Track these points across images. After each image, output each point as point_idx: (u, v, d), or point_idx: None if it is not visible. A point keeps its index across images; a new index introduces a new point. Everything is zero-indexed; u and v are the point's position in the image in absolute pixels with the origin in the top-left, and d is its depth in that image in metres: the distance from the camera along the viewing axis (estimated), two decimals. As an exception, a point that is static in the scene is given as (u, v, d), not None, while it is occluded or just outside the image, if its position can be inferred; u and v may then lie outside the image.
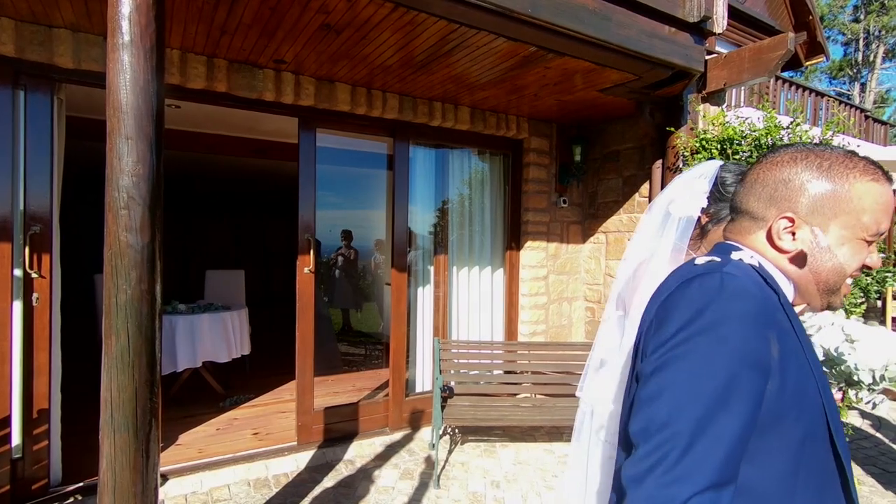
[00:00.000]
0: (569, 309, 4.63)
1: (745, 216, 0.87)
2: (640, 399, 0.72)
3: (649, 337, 0.77)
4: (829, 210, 0.79)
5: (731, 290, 0.72)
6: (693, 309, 0.72)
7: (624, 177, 4.28)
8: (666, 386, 0.69)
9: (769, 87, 7.54)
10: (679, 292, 0.76)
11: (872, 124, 10.05)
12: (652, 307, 0.83)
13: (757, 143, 3.23)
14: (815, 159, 0.81)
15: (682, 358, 0.70)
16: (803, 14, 10.23)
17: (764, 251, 0.84)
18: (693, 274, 0.78)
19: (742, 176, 0.91)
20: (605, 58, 2.92)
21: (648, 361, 0.73)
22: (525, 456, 3.60)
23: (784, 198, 0.81)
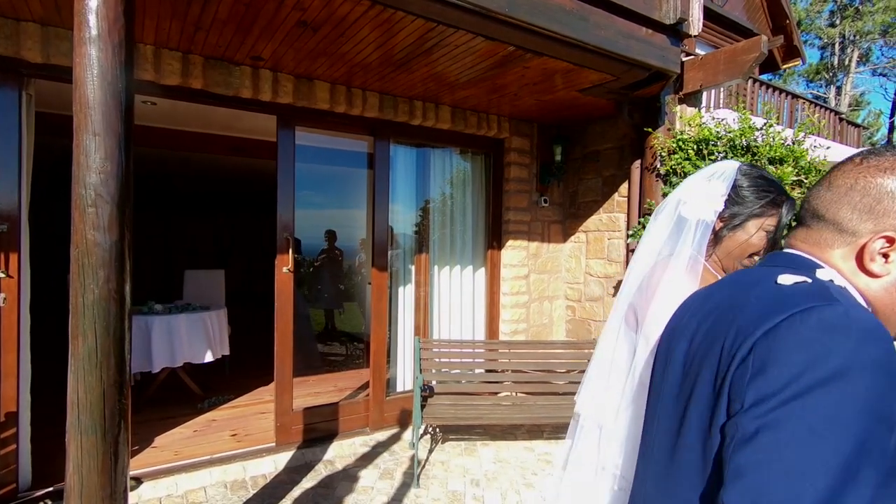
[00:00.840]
0: (550, 308, 4.66)
1: (827, 226, 0.74)
2: (741, 464, 0.57)
3: (736, 379, 0.62)
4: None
5: (861, 329, 0.59)
6: (813, 352, 0.58)
7: (604, 176, 4.32)
8: (780, 452, 0.55)
9: (747, 89, 7.68)
10: (790, 328, 0.60)
11: (846, 127, 10.29)
12: (721, 335, 0.68)
13: (731, 143, 3.29)
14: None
15: (798, 417, 0.56)
16: (780, 18, 10.44)
17: (844, 270, 0.73)
18: (800, 304, 0.63)
19: (826, 176, 0.79)
20: (582, 58, 2.95)
21: (749, 415, 0.58)
22: (505, 454, 3.61)
23: (886, 213, 0.69)
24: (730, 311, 0.71)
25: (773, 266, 0.77)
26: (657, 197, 3.57)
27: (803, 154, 3.15)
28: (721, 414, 0.64)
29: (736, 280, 0.81)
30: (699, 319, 0.77)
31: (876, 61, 24.22)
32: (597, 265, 4.37)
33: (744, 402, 0.60)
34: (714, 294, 0.80)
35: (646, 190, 3.72)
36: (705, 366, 0.70)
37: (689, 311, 0.82)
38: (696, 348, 0.74)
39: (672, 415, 0.77)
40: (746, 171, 1.21)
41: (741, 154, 3.26)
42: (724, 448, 0.61)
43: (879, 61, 24.18)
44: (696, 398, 0.70)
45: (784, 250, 0.81)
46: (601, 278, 4.33)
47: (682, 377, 0.76)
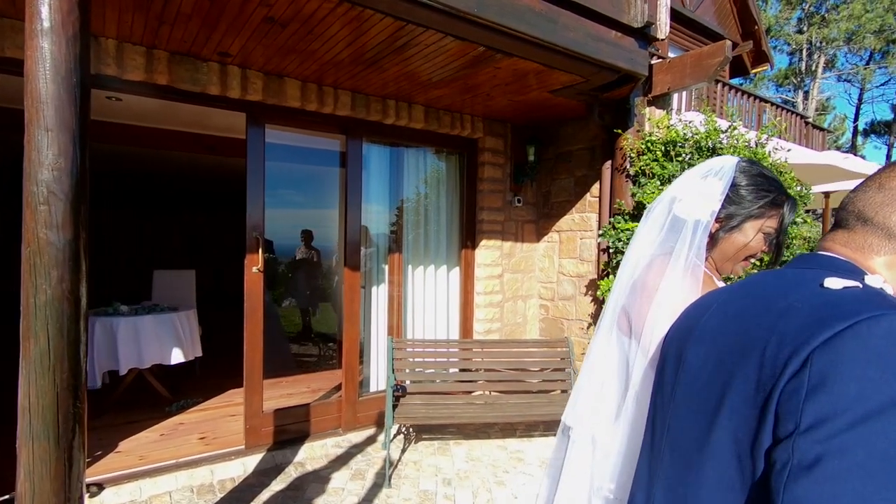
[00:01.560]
0: (524, 307, 4.70)
1: (875, 230, 0.70)
2: (799, 496, 0.51)
3: (787, 395, 0.55)
4: None
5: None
6: (884, 367, 0.51)
7: (576, 177, 4.37)
8: (847, 484, 0.48)
9: (717, 92, 7.87)
10: (856, 338, 0.53)
11: (812, 130, 10.63)
12: (759, 342, 0.62)
13: (698, 145, 3.37)
14: None
15: (870, 443, 0.49)
16: (749, 24, 10.72)
17: (886, 278, 0.69)
18: (863, 311, 0.56)
19: (875, 176, 0.74)
20: (552, 59, 2.98)
21: (808, 439, 0.51)
22: (478, 453, 3.63)
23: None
24: (765, 315, 0.64)
25: (810, 268, 0.71)
26: (627, 197, 3.63)
27: (765, 156, 3.24)
28: (766, 433, 0.57)
29: (763, 281, 0.74)
30: (720, 322, 0.71)
31: (841, 67, 25.10)
32: (569, 264, 4.42)
33: (800, 423, 0.53)
34: (737, 295, 0.73)
35: (616, 190, 3.78)
36: (738, 376, 0.63)
37: (706, 313, 0.75)
38: (723, 355, 0.67)
39: (692, 426, 0.69)
40: (745, 169, 1.13)
41: (707, 156, 3.34)
42: (773, 474, 0.54)
43: (844, 67, 25.07)
44: (729, 412, 0.63)
45: (818, 252, 0.75)
46: (574, 277, 4.38)
47: (706, 385, 0.69)
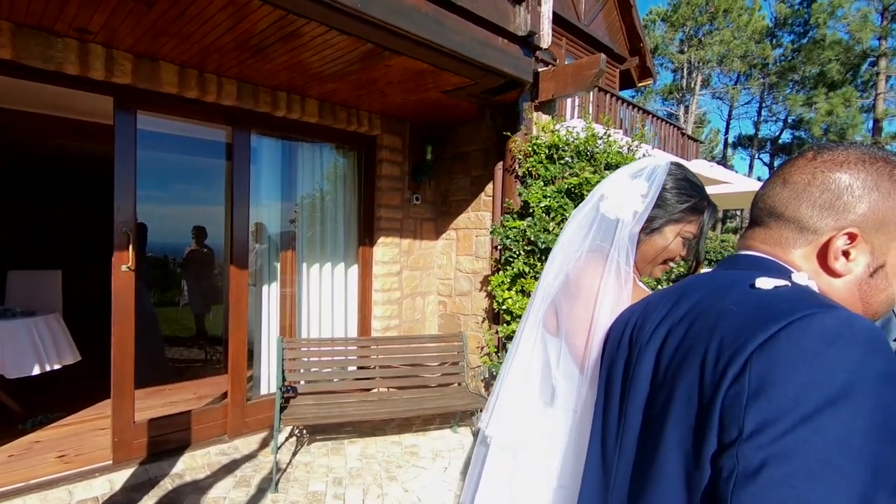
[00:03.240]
0: (422, 303, 4.77)
1: (787, 224, 0.71)
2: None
3: (729, 400, 0.55)
4: (895, 229, 0.67)
5: (864, 338, 0.53)
6: (818, 367, 0.52)
7: (472, 176, 4.51)
8: (792, 490, 0.49)
9: (607, 102, 8.50)
10: (790, 339, 0.54)
11: (688, 141, 11.85)
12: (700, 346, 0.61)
13: (577, 150, 3.63)
14: (886, 166, 0.67)
15: (810, 444, 0.49)
16: (636, 41, 11.72)
17: (806, 269, 0.69)
18: (795, 310, 0.56)
19: (779, 173, 0.75)
20: (441, 61, 3.05)
21: (752, 445, 0.51)
22: (372, 450, 3.63)
23: (846, 208, 0.67)
24: (703, 319, 0.64)
25: (740, 269, 0.71)
26: (515, 197, 3.82)
27: (633, 160, 3.57)
28: (711, 441, 0.56)
29: (698, 284, 0.73)
30: (669, 326, 0.70)
31: (714, 86, 28.27)
32: (466, 262, 4.56)
33: (742, 429, 0.53)
34: (676, 300, 0.72)
35: (506, 190, 3.96)
36: (681, 383, 0.62)
37: (648, 321, 0.74)
38: (666, 362, 0.67)
39: (643, 438, 0.68)
40: (672, 172, 1.13)
41: (586, 160, 3.60)
42: (720, 482, 0.53)
43: (717, 86, 28.25)
44: (675, 420, 0.61)
45: (741, 252, 0.76)
46: (470, 274, 4.52)
47: (652, 395, 0.68)
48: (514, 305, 3.61)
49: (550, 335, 1.12)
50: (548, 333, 1.13)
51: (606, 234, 1.10)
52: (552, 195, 3.51)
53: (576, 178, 3.45)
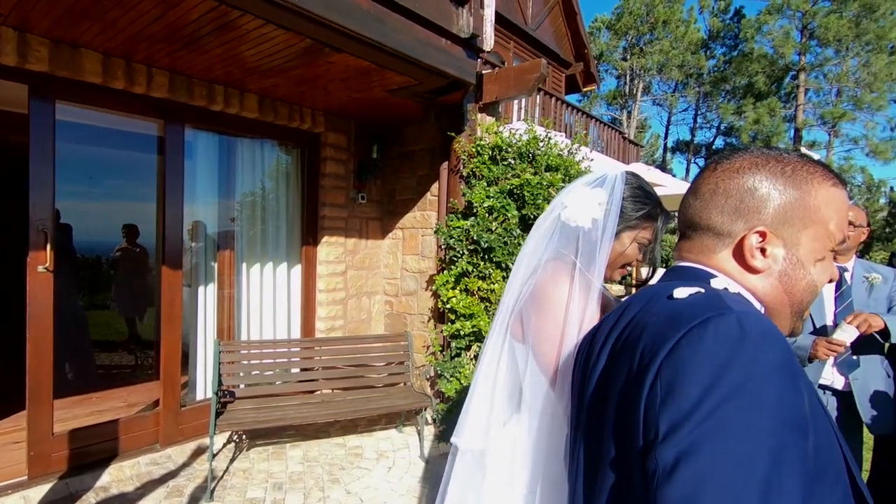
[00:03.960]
0: (368, 303, 4.73)
1: (705, 232, 0.76)
2: (670, 500, 0.53)
3: (648, 406, 0.59)
4: (799, 221, 0.71)
5: (755, 334, 0.58)
6: (715, 366, 0.56)
7: (418, 176, 4.52)
8: (703, 481, 0.52)
9: (552, 106, 8.73)
10: (689, 345, 0.58)
11: (629, 145, 12.38)
12: (628, 356, 0.66)
13: (519, 151, 3.71)
14: (777, 164, 0.72)
15: (713, 436, 0.53)
16: (581, 47, 12.12)
17: (731, 272, 0.74)
18: (698, 316, 0.61)
19: (690, 187, 0.80)
20: (384, 60, 3.03)
21: (666, 445, 0.55)
22: (315, 453, 3.56)
23: (752, 209, 0.72)
24: (636, 330, 0.69)
25: (670, 280, 0.76)
26: (459, 197, 3.86)
27: (573, 163, 3.69)
28: (638, 443, 0.60)
29: (642, 297, 0.77)
30: (614, 340, 0.74)
31: (655, 93, 29.63)
32: (412, 261, 4.56)
33: (658, 432, 0.57)
34: (624, 314, 0.76)
35: (451, 190, 4.00)
36: (616, 393, 0.67)
37: (602, 337, 0.78)
38: (609, 372, 0.71)
39: (594, 451, 0.71)
40: (629, 181, 1.17)
41: (528, 161, 3.69)
42: (648, 486, 0.57)
43: (657, 93, 29.64)
44: (613, 430, 0.66)
45: (676, 264, 0.81)
46: (416, 273, 4.52)
47: (599, 403, 0.72)
48: (459, 304, 3.65)
49: (517, 342, 1.14)
50: (515, 340, 1.15)
51: (569, 241, 1.14)
52: (495, 196, 3.57)
53: (517, 179, 3.53)
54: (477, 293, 3.68)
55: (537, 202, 3.45)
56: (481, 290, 3.64)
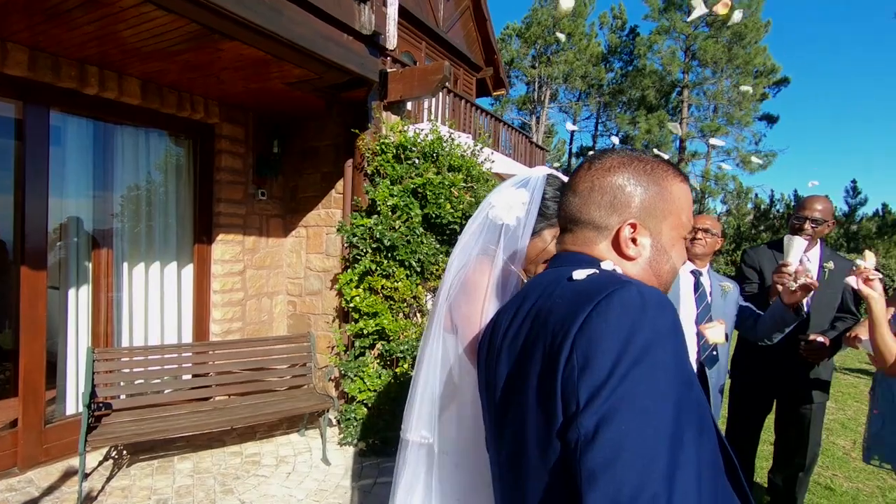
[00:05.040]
0: (270, 304, 4.54)
1: (586, 226, 0.83)
2: (592, 467, 0.56)
3: (565, 380, 0.62)
4: (660, 212, 0.81)
5: (653, 302, 0.64)
6: (623, 334, 0.61)
7: (322, 172, 4.41)
8: (623, 441, 0.56)
9: (462, 108, 8.90)
10: (599, 315, 0.63)
11: (535, 149, 12.99)
12: (539, 342, 0.69)
13: (423, 151, 3.76)
14: (640, 164, 0.82)
15: (627, 399, 0.57)
16: (490, 53, 12.51)
17: (611, 260, 0.81)
18: (603, 290, 0.66)
19: (569, 184, 0.87)
20: (281, 51, 2.93)
21: (587, 413, 0.58)
22: (207, 463, 3.36)
23: (623, 204, 0.80)
24: (539, 316, 0.73)
25: (561, 266, 0.81)
26: (363, 195, 3.83)
27: (474, 164, 3.81)
28: (558, 419, 0.63)
29: (536, 285, 0.83)
30: (517, 328, 0.78)
31: (561, 101, 31.33)
32: (316, 260, 4.44)
33: (579, 401, 0.60)
34: (524, 303, 0.81)
35: (356, 188, 3.96)
36: (530, 375, 0.69)
37: (501, 330, 0.82)
38: (518, 359, 0.74)
39: (511, 439, 0.74)
40: (550, 182, 1.24)
41: (431, 161, 3.75)
42: (571, 456, 0.60)
43: (563, 101, 31.37)
44: (532, 412, 0.68)
45: (559, 254, 0.87)
46: (320, 273, 4.41)
47: (510, 401, 0.75)
48: (362, 303, 3.62)
49: (448, 333, 1.20)
50: (446, 332, 1.21)
51: (495, 238, 1.22)
52: (398, 194, 3.59)
53: (420, 179, 3.58)
54: (381, 292, 3.67)
55: (439, 201, 3.52)
56: (385, 289, 3.64)
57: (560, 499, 0.64)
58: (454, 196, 3.58)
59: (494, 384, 0.81)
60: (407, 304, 3.76)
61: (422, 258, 3.59)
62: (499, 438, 0.81)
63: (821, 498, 3.25)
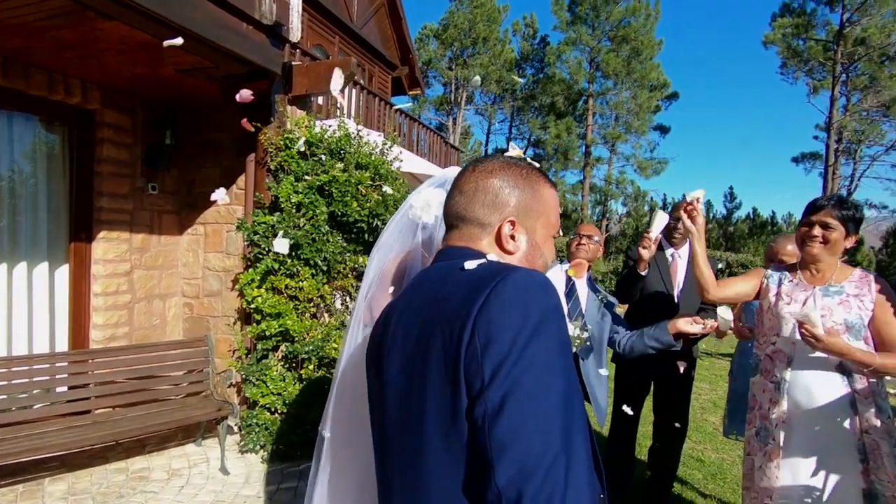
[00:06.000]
0: (162, 307, 4.21)
1: (471, 223, 0.88)
2: (501, 438, 0.61)
3: (469, 361, 0.66)
4: (535, 212, 0.89)
5: (541, 284, 0.72)
6: (520, 312, 0.67)
7: (223, 167, 4.17)
8: (525, 410, 0.61)
9: (375, 106, 8.83)
10: (497, 296, 0.68)
11: (450, 150, 13.21)
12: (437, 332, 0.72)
13: (330, 147, 3.69)
14: (517, 168, 0.90)
15: (527, 371, 0.63)
16: (406, 51, 12.52)
17: (494, 254, 0.87)
18: (497, 275, 0.72)
19: (455, 185, 0.92)
20: (169, 36, 2.73)
21: (493, 387, 0.62)
22: (84, 484, 3.05)
23: (504, 204, 0.87)
24: (434, 305, 0.76)
25: (450, 259, 0.85)
26: (266, 191, 3.68)
27: (382, 162, 3.81)
28: (462, 400, 0.65)
29: (426, 278, 0.87)
30: (409, 320, 0.80)
31: (477, 103, 32.10)
32: (215, 259, 4.20)
33: (484, 378, 0.63)
34: (415, 296, 0.84)
35: (258, 184, 3.79)
36: (431, 365, 0.71)
37: (394, 312, 0.85)
38: (413, 356, 0.75)
39: (406, 431, 0.75)
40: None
41: (337, 158, 3.69)
42: (478, 434, 0.63)
43: (479, 104, 32.16)
44: (432, 404, 0.70)
45: (445, 249, 0.91)
46: (220, 272, 4.18)
47: (407, 388, 0.76)
48: (265, 304, 3.48)
49: (368, 327, 1.22)
50: (366, 326, 1.24)
51: (414, 236, 1.27)
52: (303, 191, 3.50)
53: (326, 176, 3.51)
54: (285, 291, 3.55)
55: (345, 199, 3.47)
56: (289, 289, 3.53)
57: (462, 479, 0.67)
58: (361, 194, 3.56)
59: (384, 379, 0.82)
60: (313, 304, 3.67)
61: (328, 257, 3.52)
62: (387, 427, 0.82)
63: (693, 469, 3.65)
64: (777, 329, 2.05)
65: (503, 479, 0.59)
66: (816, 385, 1.94)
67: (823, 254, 1.97)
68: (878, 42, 20.84)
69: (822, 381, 1.94)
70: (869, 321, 1.93)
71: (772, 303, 2.09)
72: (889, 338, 1.90)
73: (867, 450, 1.86)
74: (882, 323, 1.91)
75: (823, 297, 1.96)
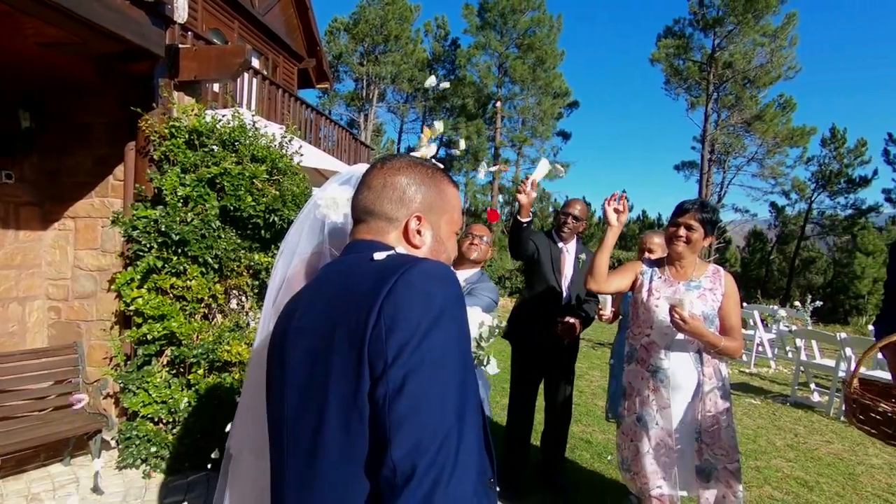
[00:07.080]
0: (21, 311, 3.71)
1: (379, 218, 0.91)
2: (400, 413, 0.64)
3: (373, 344, 0.69)
4: (439, 209, 0.94)
5: (444, 274, 0.76)
6: (425, 298, 0.71)
7: (96, 155, 3.76)
8: (424, 390, 0.66)
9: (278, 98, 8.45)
10: (404, 283, 0.72)
11: (360, 146, 13.01)
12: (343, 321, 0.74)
13: (223, 138, 3.48)
14: (422, 168, 0.94)
15: (429, 353, 0.68)
16: (313, 43, 12.13)
17: (401, 247, 0.90)
18: (405, 264, 0.76)
19: (363, 180, 0.95)
20: (22, 3, 2.41)
21: (395, 367, 0.66)
22: (-86, 520, 2.61)
23: (410, 200, 0.91)
24: (341, 297, 0.78)
25: (359, 252, 0.88)
26: (148, 183, 3.38)
27: (279, 156, 3.66)
28: (365, 382, 0.68)
29: (333, 270, 0.89)
30: (316, 311, 0.81)
31: (389, 101, 31.91)
32: (88, 257, 3.77)
33: (387, 359, 0.67)
34: (325, 284, 0.86)
35: (139, 174, 3.48)
36: (336, 353, 0.73)
37: (301, 304, 0.87)
38: (317, 343, 0.77)
39: (307, 421, 0.76)
40: None
41: (230, 150, 3.49)
42: (379, 413, 0.66)
43: (392, 101, 31.99)
44: (334, 392, 0.72)
45: (354, 241, 0.94)
46: (94, 272, 3.76)
47: (310, 374, 0.77)
48: (146, 305, 3.20)
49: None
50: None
51: (322, 235, 1.26)
52: (191, 184, 3.26)
53: (217, 168, 3.30)
54: (170, 292, 3.29)
55: (239, 193, 3.29)
56: (175, 289, 3.28)
57: (362, 464, 0.69)
58: (257, 188, 3.39)
59: (286, 368, 0.82)
60: (204, 305, 3.43)
61: (220, 254, 3.32)
62: (287, 418, 0.81)
63: (582, 450, 3.94)
64: (650, 322, 2.28)
65: (399, 452, 0.63)
66: (685, 372, 2.20)
67: (686, 251, 2.24)
68: (741, 66, 23.85)
69: (687, 368, 2.20)
70: (718, 310, 2.22)
71: (644, 297, 2.33)
72: (729, 324, 2.21)
73: (702, 428, 2.15)
74: (726, 313, 2.22)
75: (686, 291, 2.22)
